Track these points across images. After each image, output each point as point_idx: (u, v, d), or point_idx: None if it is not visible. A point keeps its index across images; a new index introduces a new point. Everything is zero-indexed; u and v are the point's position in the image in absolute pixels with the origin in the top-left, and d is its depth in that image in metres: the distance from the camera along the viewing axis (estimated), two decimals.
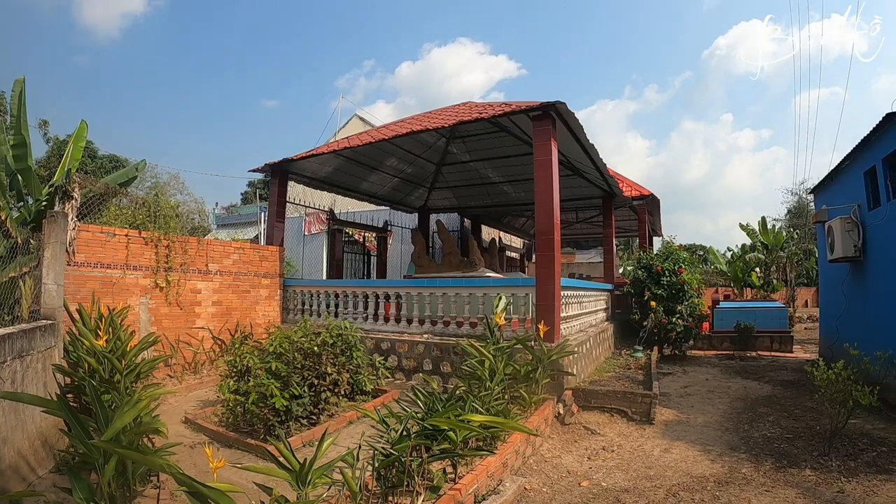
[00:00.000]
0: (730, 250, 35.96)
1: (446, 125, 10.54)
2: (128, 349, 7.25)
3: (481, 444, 5.98)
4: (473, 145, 15.64)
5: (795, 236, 29.89)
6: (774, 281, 27.28)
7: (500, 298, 8.87)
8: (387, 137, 11.75)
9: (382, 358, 9.79)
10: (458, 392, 6.60)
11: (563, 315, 9.58)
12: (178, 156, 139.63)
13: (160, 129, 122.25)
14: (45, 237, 7.81)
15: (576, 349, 9.32)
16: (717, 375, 11.99)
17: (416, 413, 5.54)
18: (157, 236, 10.41)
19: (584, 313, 11.97)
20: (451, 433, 5.06)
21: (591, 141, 10.78)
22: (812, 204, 38.08)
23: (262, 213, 28.97)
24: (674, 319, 13.75)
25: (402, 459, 4.61)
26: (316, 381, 7.34)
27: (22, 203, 11.22)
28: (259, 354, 7.62)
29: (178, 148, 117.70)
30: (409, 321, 10.96)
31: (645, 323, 14.01)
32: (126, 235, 9.93)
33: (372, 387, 8.83)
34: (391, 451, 4.66)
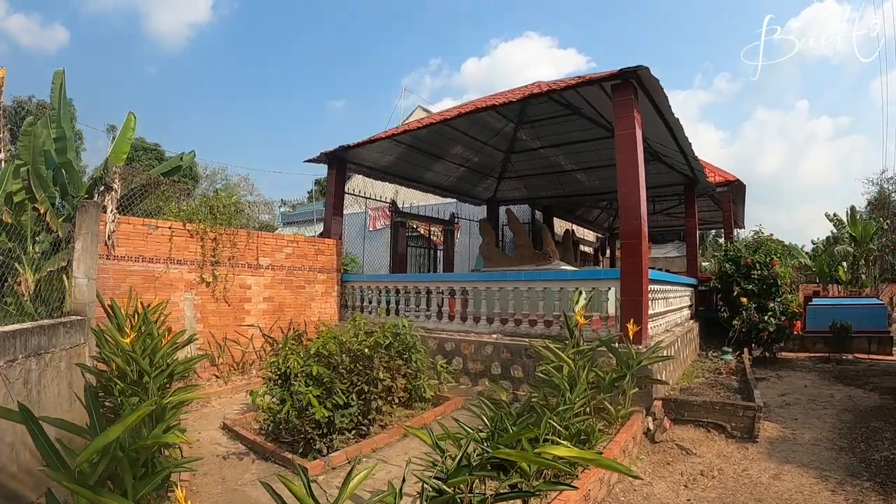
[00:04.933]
0: (813, 243, 33.70)
1: (513, 100, 9.47)
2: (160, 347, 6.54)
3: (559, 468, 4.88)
4: (543, 130, 14.54)
5: (886, 227, 27.45)
6: (863, 276, 25.08)
7: (581, 294, 7.65)
8: (447, 118, 10.80)
9: (445, 360, 8.85)
10: (531, 402, 5.54)
11: (650, 312, 8.37)
12: (248, 159, 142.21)
13: (229, 135, 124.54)
14: (77, 228, 7.67)
15: (670, 354, 8.14)
16: (816, 381, 10.67)
17: (481, 432, 4.48)
18: (203, 228, 9.78)
19: (669, 310, 10.68)
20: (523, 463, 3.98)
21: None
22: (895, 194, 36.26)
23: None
24: (766, 318, 12.36)
25: (459, 499, 3.53)
26: (366, 388, 6.36)
27: (65, 197, 10.98)
28: (305, 356, 6.71)
29: (246, 152, 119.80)
30: (476, 319, 9.92)
31: (734, 322, 12.61)
32: (170, 228, 9.35)
33: (432, 393, 7.87)
34: (444, 486, 3.59)
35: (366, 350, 6.57)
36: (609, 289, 8.30)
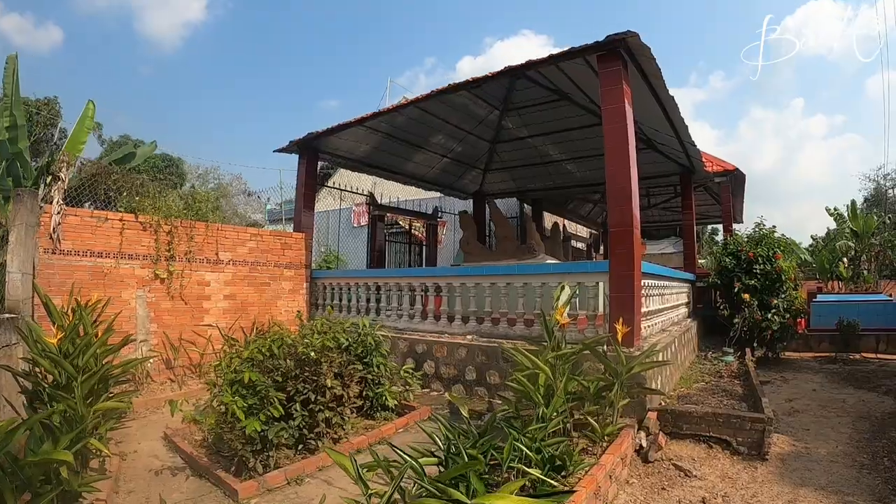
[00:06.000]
0: (813, 239, 33.13)
1: (490, 76, 8.65)
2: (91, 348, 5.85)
3: None
4: (530, 118, 13.74)
5: (888, 221, 26.77)
6: (865, 272, 24.40)
7: (563, 289, 6.66)
8: (421, 99, 10.02)
9: (413, 364, 8.08)
10: (499, 415, 4.73)
11: (643, 310, 7.57)
12: (245, 159, 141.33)
13: (224, 134, 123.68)
14: (11, 219, 7.27)
15: (667, 358, 7.39)
16: (824, 384, 9.88)
17: (434, 456, 3.69)
18: (157, 220, 9.10)
19: (665, 308, 9.89)
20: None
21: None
22: (892, 191, 36.03)
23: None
24: (769, 315, 11.58)
25: None
26: (313, 397, 5.56)
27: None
28: (239, 361, 5.90)
29: (243, 151, 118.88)
30: (451, 318, 9.13)
31: (735, 320, 11.85)
32: (120, 220, 8.70)
33: (395, 402, 7.05)
34: None
35: (312, 354, 5.74)
36: (597, 283, 7.46)
